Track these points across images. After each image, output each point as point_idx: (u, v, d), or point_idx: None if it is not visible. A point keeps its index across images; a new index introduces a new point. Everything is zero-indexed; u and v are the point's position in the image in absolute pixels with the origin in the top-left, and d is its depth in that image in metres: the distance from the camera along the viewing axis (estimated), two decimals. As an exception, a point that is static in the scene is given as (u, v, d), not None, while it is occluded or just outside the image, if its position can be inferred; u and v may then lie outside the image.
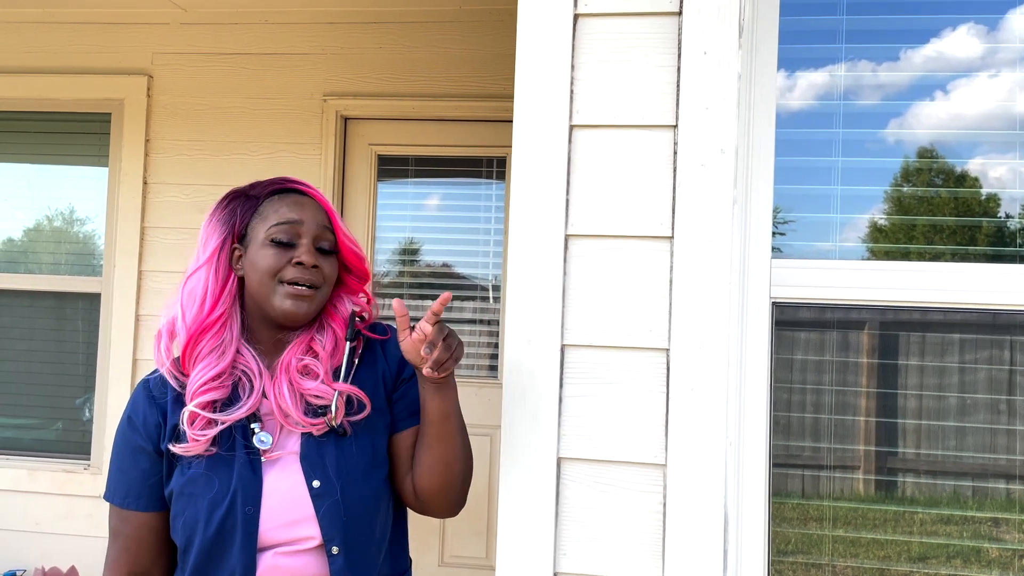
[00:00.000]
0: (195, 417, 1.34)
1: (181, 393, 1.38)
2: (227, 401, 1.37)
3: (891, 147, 1.50)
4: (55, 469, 3.66)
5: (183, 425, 1.35)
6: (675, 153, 1.40)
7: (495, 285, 3.61)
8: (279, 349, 1.43)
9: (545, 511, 1.38)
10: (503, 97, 3.41)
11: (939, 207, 1.51)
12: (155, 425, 1.39)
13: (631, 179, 1.40)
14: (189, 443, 1.34)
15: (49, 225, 3.90)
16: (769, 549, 1.42)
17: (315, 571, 1.34)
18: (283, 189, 1.47)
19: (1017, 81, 1.46)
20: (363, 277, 1.51)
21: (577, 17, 1.43)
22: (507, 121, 3.18)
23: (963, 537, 1.44)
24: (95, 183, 3.81)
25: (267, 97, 3.64)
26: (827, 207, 1.50)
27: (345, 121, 3.66)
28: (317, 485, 1.35)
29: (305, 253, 1.39)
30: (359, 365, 1.45)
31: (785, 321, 1.46)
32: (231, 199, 1.47)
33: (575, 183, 1.42)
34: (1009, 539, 1.43)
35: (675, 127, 1.40)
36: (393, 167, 3.70)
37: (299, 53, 3.64)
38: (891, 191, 1.50)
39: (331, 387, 1.39)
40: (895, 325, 1.48)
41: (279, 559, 1.33)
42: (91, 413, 3.71)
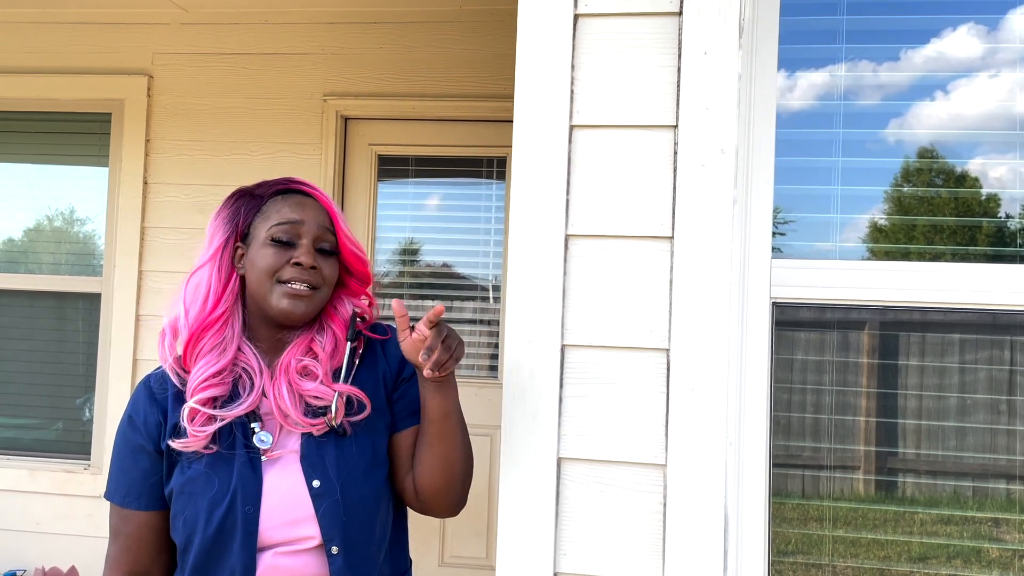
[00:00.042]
0: (195, 413, 1.35)
1: (182, 390, 1.39)
2: (227, 398, 1.37)
3: (891, 147, 1.50)
4: (55, 469, 3.66)
5: (183, 422, 1.35)
6: (675, 153, 1.40)
7: (495, 285, 3.61)
8: (279, 349, 1.43)
9: (545, 511, 1.38)
10: (503, 97, 3.41)
11: (939, 207, 1.51)
12: (156, 424, 1.39)
13: (631, 179, 1.40)
14: (188, 438, 1.34)
15: (49, 225, 3.90)
16: (769, 549, 1.42)
17: (315, 571, 1.34)
18: (287, 189, 1.47)
19: (1017, 81, 1.46)
20: (365, 280, 1.51)
21: (577, 17, 1.43)
22: (507, 121, 3.17)
23: (963, 537, 1.44)
24: (95, 183, 3.81)
25: (267, 97, 3.64)
26: (827, 207, 1.50)
27: (345, 121, 3.66)
28: (317, 485, 1.35)
29: (304, 254, 1.39)
30: (359, 366, 1.45)
31: (785, 321, 1.46)
32: (237, 198, 1.47)
33: (575, 183, 1.42)
34: (1009, 539, 1.43)
35: (675, 127, 1.40)
36: (393, 167, 3.70)
37: (299, 53, 3.64)
38: (891, 191, 1.50)
39: (331, 388, 1.39)
40: (895, 325, 1.48)
41: (279, 559, 1.33)
42: (91, 413, 3.71)
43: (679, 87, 1.39)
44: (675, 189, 1.39)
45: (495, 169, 3.62)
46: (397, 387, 1.46)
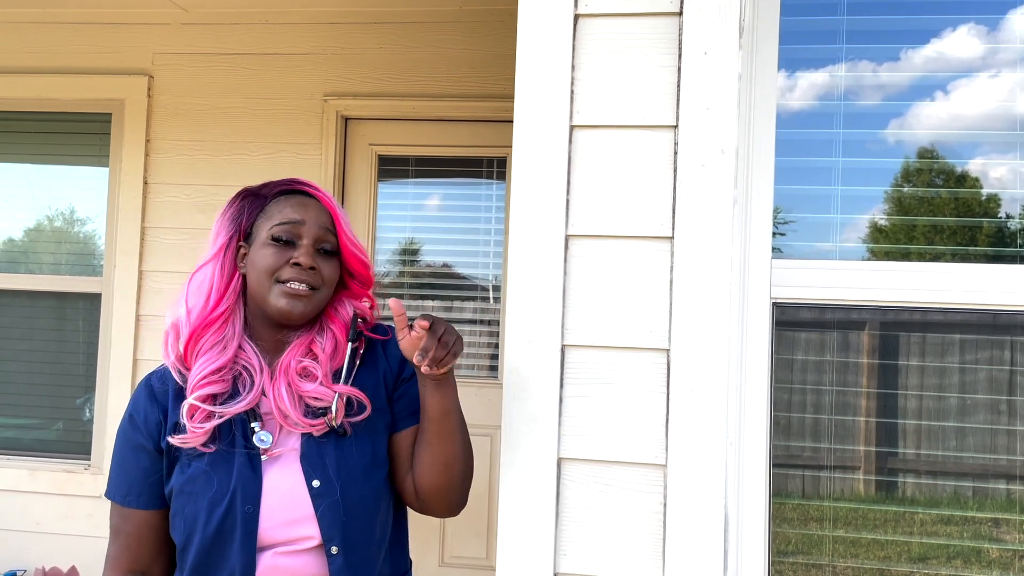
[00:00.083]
0: (195, 410, 1.35)
1: (183, 388, 1.39)
2: (228, 396, 1.38)
3: (891, 147, 1.50)
4: (55, 469, 3.66)
5: (182, 418, 1.35)
6: (675, 153, 1.40)
7: (495, 285, 3.61)
8: (280, 349, 1.43)
9: (545, 511, 1.38)
10: (503, 97, 3.40)
11: (939, 207, 1.51)
12: (156, 423, 1.39)
13: (631, 179, 1.40)
14: (187, 434, 1.34)
15: (50, 225, 3.90)
16: (769, 549, 1.42)
17: (314, 571, 1.34)
18: (291, 190, 1.47)
19: (1017, 81, 1.46)
20: (366, 283, 1.50)
21: (577, 17, 1.43)
22: (507, 121, 3.17)
23: (963, 537, 1.44)
24: (95, 183, 3.81)
25: (268, 97, 3.64)
26: (827, 207, 1.50)
27: (346, 121, 3.66)
28: (317, 485, 1.35)
29: (303, 254, 1.39)
30: (360, 366, 1.45)
31: (785, 321, 1.46)
32: (242, 197, 1.48)
33: (575, 183, 1.42)
34: (1009, 539, 1.43)
35: (675, 127, 1.40)
36: (393, 167, 3.70)
37: (300, 53, 3.64)
38: (891, 191, 1.50)
39: (330, 389, 1.39)
40: (895, 325, 1.48)
41: (278, 559, 1.33)
42: (91, 413, 3.71)
43: (679, 87, 1.39)
44: (675, 189, 1.39)
45: (495, 169, 3.62)
46: (398, 387, 1.46)
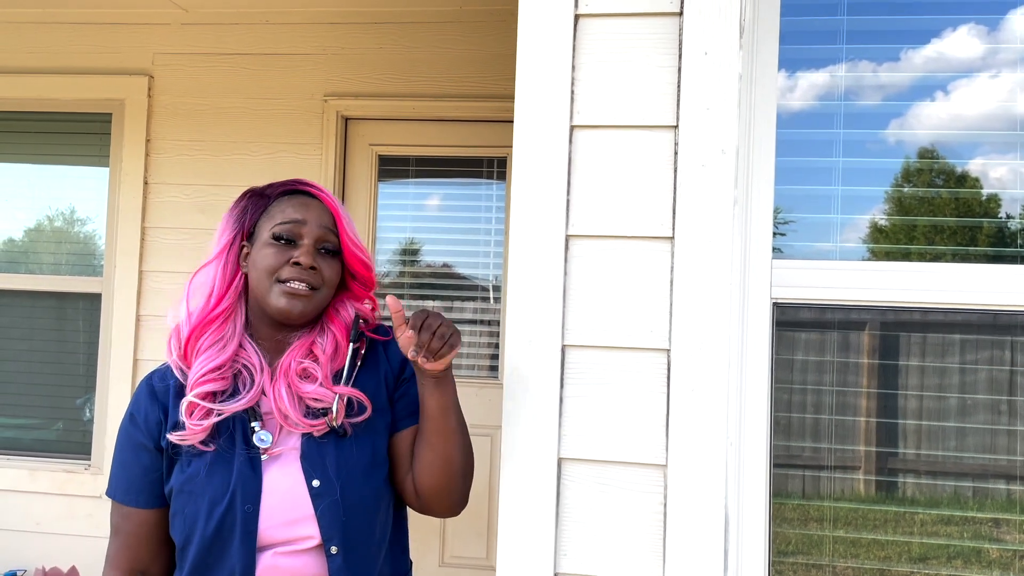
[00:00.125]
0: (194, 407, 1.35)
1: (185, 386, 1.39)
2: (227, 394, 1.38)
3: (892, 147, 1.50)
4: (56, 469, 3.66)
5: (182, 416, 1.36)
6: (676, 153, 1.40)
7: (496, 285, 3.61)
8: (281, 350, 1.43)
9: (546, 511, 1.38)
10: (504, 97, 3.40)
11: (940, 208, 1.51)
12: (156, 422, 1.40)
13: (632, 180, 1.40)
14: (186, 431, 1.35)
15: (50, 225, 3.90)
16: (770, 549, 1.42)
17: (314, 571, 1.34)
18: (294, 190, 1.48)
19: (1018, 81, 1.46)
20: (368, 284, 1.50)
21: (578, 18, 1.43)
22: (508, 121, 3.17)
23: (963, 538, 1.44)
24: (96, 183, 3.81)
25: (268, 97, 3.64)
26: (828, 208, 1.50)
27: (346, 121, 3.66)
28: (317, 484, 1.35)
29: (304, 254, 1.39)
30: (361, 367, 1.45)
31: (786, 322, 1.46)
32: (247, 198, 1.49)
33: (576, 183, 1.42)
34: (1010, 540, 1.43)
35: (676, 127, 1.40)
36: (394, 167, 3.70)
37: (300, 53, 3.64)
38: (892, 191, 1.50)
39: (330, 391, 1.39)
40: (896, 326, 1.48)
41: (278, 559, 1.33)
42: (91, 413, 3.71)
43: (679, 87, 1.39)
44: (675, 189, 1.39)
45: (495, 169, 3.62)
46: (398, 387, 1.46)
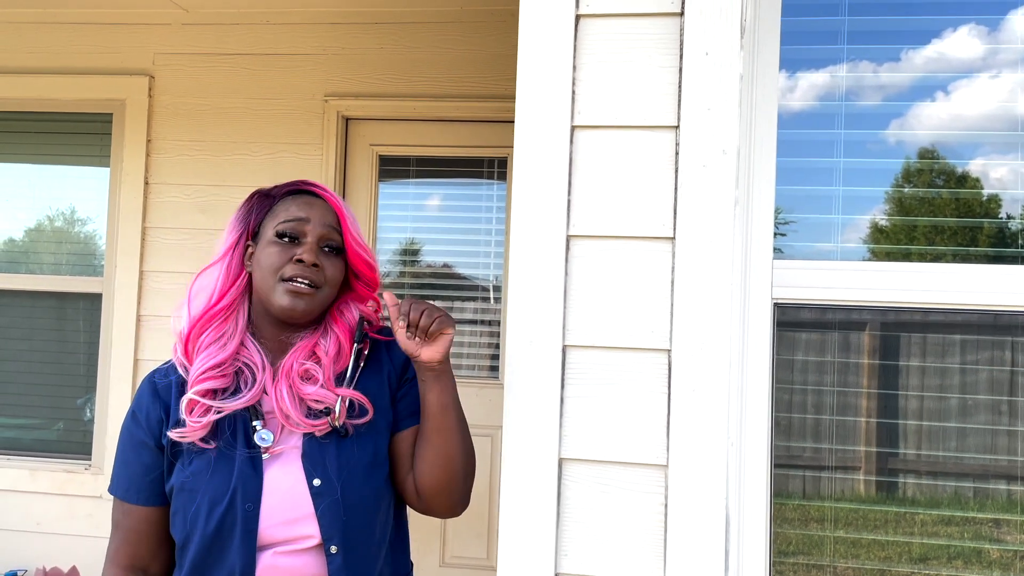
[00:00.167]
0: (194, 404, 1.35)
1: (187, 382, 1.39)
2: (229, 393, 1.38)
3: (892, 148, 1.50)
4: (56, 469, 3.66)
5: (182, 414, 1.36)
6: (677, 154, 1.40)
7: (496, 286, 3.61)
8: (284, 350, 1.43)
9: (546, 512, 1.38)
10: (504, 98, 3.40)
11: (940, 208, 1.51)
12: (158, 420, 1.40)
13: (633, 180, 1.40)
14: (186, 428, 1.35)
15: (50, 225, 3.90)
16: (770, 550, 1.42)
17: (313, 571, 1.34)
18: (298, 190, 1.49)
19: (1018, 82, 1.46)
20: (372, 285, 1.51)
21: (579, 18, 1.43)
22: (509, 122, 3.17)
23: (964, 538, 1.44)
24: (96, 183, 3.81)
25: (268, 97, 3.64)
26: (828, 208, 1.50)
27: (346, 121, 3.66)
28: (318, 484, 1.35)
29: (307, 251, 1.39)
30: (364, 368, 1.45)
31: (786, 322, 1.46)
32: (253, 198, 1.50)
33: (576, 184, 1.42)
34: (1010, 540, 1.43)
35: (677, 128, 1.40)
36: (394, 167, 3.70)
37: (300, 53, 3.64)
38: (892, 192, 1.50)
39: (332, 392, 1.39)
40: (896, 326, 1.48)
41: (278, 559, 1.33)
42: (92, 413, 3.71)
43: (680, 88, 1.39)
44: (676, 190, 1.39)
45: (496, 169, 3.62)
46: (401, 386, 1.46)
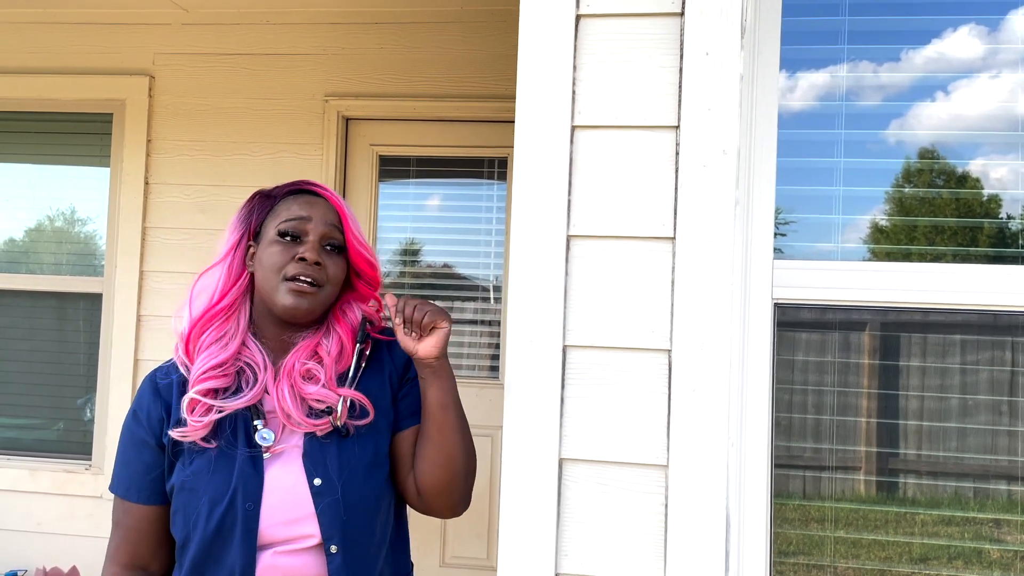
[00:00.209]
0: (195, 404, 1.35)
1: (188, 381, 1.39)
2: (230, 392, 1.38)
3: (892, 148, 1.50)
4: (56, 469, 3.66)
5: (184, 413, 1.36)
6: (677, 154, 1.40)
7: (496, 286, 3.61)
8: (286, 350, 1.43)
9: (547, 512, 1.38)
10: (505, 98, 3.41)
11: (940, 208, 1.51)
12: (158, 420, 1.40)
13: (633, 180, 1.40)
14: (187, 427, 1.35)
15: (50, 225, 3.90)
16: (771, 550, 1.42)
17: (313, 570, 1.34)
18: (299, 190, 1.49)
19: (1018, 82, 1.46)
20: (374, 284, 1.51)
21: (579, 18, 1.43)
22: (509, 122, 3.18)
23: (964, 538, 1.44)
24: (96, 183, 3.81)
25: (268, 97, 3.64)
26: (829, 208, 1.50)
27: (347, 121, 3.66)
28: (318, 483, 1.35)
29: (309, 250, 1.40)
30: (366, 368, 1.45)
31: (787, 322, 1.46)
32: (254, 199, 1.50)
33: (577, 184, 1.42)
34: (1011, 540, 1.43)
35: (677, 128, 1.40)
36: (394, 167, 3.70)
37: (301, 53, 3.64)
38: (892, 192, 1.50)
39: (334, 392, 1.39)
40: (896, 326, 1.48)
41: (278, 558, 1.33)
42: (92, 413, 3.71)
43: (681, 88, 1.39)
44: (677, 190, 1.39)
45: (496, 169, 3.62)
46: (402, 386, 1.46)
